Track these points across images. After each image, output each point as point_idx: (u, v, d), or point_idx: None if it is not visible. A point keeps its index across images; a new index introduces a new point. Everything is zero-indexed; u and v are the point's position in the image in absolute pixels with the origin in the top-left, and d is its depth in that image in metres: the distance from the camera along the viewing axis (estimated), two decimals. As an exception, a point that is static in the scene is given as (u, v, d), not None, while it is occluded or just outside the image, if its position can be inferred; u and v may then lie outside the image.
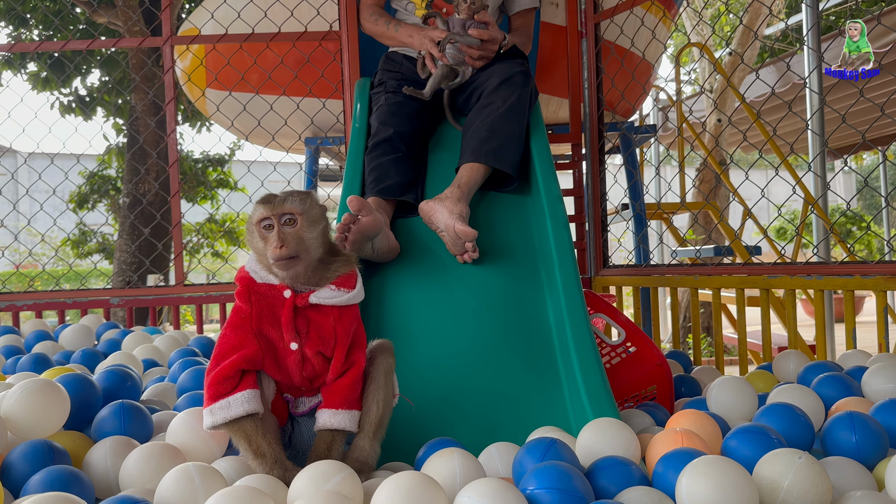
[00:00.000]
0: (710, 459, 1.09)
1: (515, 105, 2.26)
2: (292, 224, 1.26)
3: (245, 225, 1.33)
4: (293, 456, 1.34)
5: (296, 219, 1.27)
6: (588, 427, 1.35)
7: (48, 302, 3.19)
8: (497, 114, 2.23)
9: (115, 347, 2.44)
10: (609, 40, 3.27)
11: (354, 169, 2.31)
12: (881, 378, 1.68)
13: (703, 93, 6.94)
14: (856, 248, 12.68)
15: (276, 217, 1.26)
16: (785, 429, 1.38)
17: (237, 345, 1.25)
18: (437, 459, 1.22)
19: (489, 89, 2.31)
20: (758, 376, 2.06)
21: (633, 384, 2.00)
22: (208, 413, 1.23)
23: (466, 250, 2.01)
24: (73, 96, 7.18)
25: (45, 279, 6.56)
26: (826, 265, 2.33)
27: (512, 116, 2.24)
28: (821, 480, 1.11)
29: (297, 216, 1.27)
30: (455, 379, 1.77)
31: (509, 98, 2.25)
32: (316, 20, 3.21)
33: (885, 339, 2.19)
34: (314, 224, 1.29)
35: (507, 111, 2.24)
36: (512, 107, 2.25)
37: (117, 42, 3.39)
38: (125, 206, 6.35)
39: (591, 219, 3.14)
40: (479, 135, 2.21)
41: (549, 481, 1.07)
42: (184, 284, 3.21)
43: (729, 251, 3.90)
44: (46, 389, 1.40)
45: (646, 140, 3.83)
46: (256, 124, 3.44)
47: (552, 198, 2.15)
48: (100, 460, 1.32)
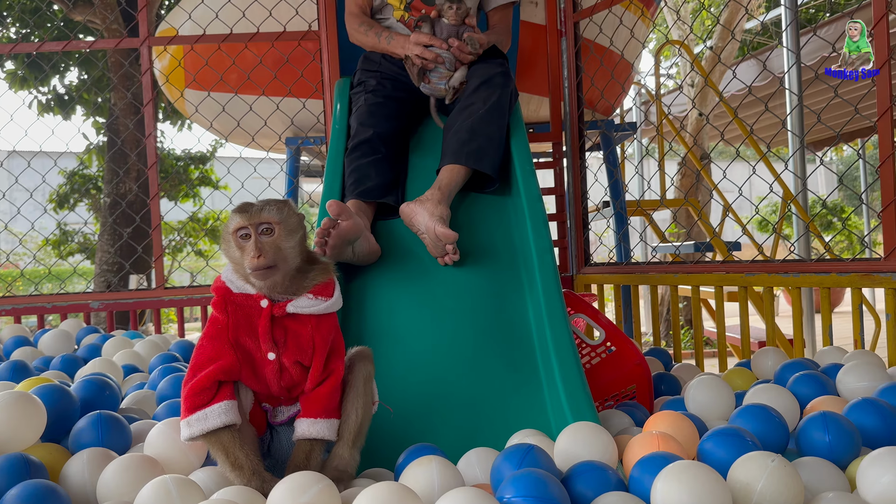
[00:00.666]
0: (684, 465, 1.10)
1: (496, 106, 2.26)
2: (269, 233, 1.26)
3: (221, 233, 1.32)
4: (272, 465, 1.34)
5: (273, 228, 1.26)
6: (566, 432, 1.36)
7: (27, 307, 3.16)
8: (477, 115, 2.23)
9: (96, 353, 2.42)
10: (588, 39, 3.28)
11: (335, 171, 2.31)
12: (855, 376, 1.70)
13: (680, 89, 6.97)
14: (836, 239, 12.83)
15: (253, 226, 1.25)
16: (760, 430, 1.39)
17: (214, 356, 1.25)
18: (415, 468, 1.23)
19: (469, 90, 2.31)
20: (736, 373, 2.08)
21: (613, 384, 2.01)
22: (185, 425, 1.22)
23: (447, 252, 2.02)
24: (52, 95, 7.11)
25: (25, 282, 6.50)
26: (803, 263, 2.35)
27: (492, 118, 2.24)
28: (793, 483, 1.13)
29: (275, 225, 1.26)
30: (436, 381, 1.78)
31: (489, 99, 2.26)
32: (295, 20, 3.20)
33: (860, 335, 2.21)
34: (292, 233, 1.28)
35: (488, 112, 2.24)
36: (492, 108, 2.25)
37: (94, 44, 3.35)
38: (106, 206, 6.29)
39: (572, 217, 3.16)
40: (459, 136, 2.21)
41: (525, 489, 1.08)
42: (164, 287, 3.19)
43: (709, 247, 3.93)
44: (22, 402, 1.38)
45: (626, 137, 3.85)
46: (236, 125, 3.42)
47: (532, 197, 2.15)
48: (77, 473, 1.31)
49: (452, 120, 2.29)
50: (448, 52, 2.31)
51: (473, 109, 2.25)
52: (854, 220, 13.16)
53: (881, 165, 2.14)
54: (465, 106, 2.28)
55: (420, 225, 2.04)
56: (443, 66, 2.32)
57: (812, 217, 4.02)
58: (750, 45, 8.92)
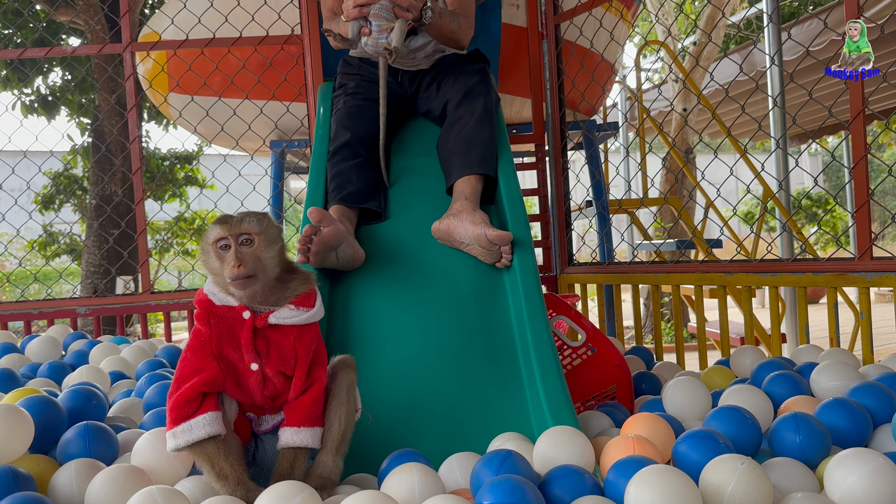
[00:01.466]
0: (656, 469, 1.14)
1: (483, 114, 2.29)
2: (249, 244, 1.28)
3: (200, 245, 1.35)
4: (258, 474, 1.36)
5: (253, 238, 1.29)
6: (544, 436, 1.40)
7: (14, 313, 3.17)
8: (468, 127, 2.26)
9: (83, 359, 2.44)
10: (570, 41, 3.31)
11: (318, 176, 2.32)
12: (828, 376, 1.75)
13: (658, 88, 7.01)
14: (822, 230, 12.93)
15: (233, 237, 1.28)
16: (733, 432, 1.43)
17: (197, 368, 1.27)
18: (396, 475, 1.26)
19: (453, 104, 2.32)
20: (715, 372, 2.13)
21: (594, 384, 2.06)
22: (171, 436, 1.25)
23: (503, 255, 1.99)
24: (36, 96, 7.07)
25: (11, 285, 6.48)
26: (780, 262, 2.40)
27: (482, 125, 2.26)
28: (762, 485, 1.17)
29: (255, 236, 1.29)
30: (420, 385, 1.80)
31: (475, 109, 2.28)
32: (278, 24, 3.21)
33: (835, 333, 2.26)
34: (271, 244, 1.31)
35: (477, 122, 2.26)
36: (480, 116, 2.28)
37: (76, 50, 3.35)
38: (91, 207, 6.28)
39: (555, 217, 3.19)
40: (459, 149, 2.23)
41: (502, 495, 1.12)
42: (151, 292, 3.20)
43: (690, 245, 3.98)
44: (9, 414, 1.40)
45: (608, 137, 3.88)
46: (220, 129, 3.44)
47: (513, 198, 2.18)
48: (65, 484, 1.33)
49: (445, 137, 2.31)
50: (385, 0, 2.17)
51: (463, 123, 2.27)
52: (839, 212, 13.28)
53: (854, 167, 2.19)
54: (454, 121, 2.30)
55: (464, 237, 2.02)
56: (381, 19, 2.18)
57: (792, 214, 4.08)
58: (734, 38, 8.98)
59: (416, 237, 2.19)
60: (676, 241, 3.76)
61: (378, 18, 2.18)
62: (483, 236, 1.94)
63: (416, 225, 2.23)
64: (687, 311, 7.00)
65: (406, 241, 2.20)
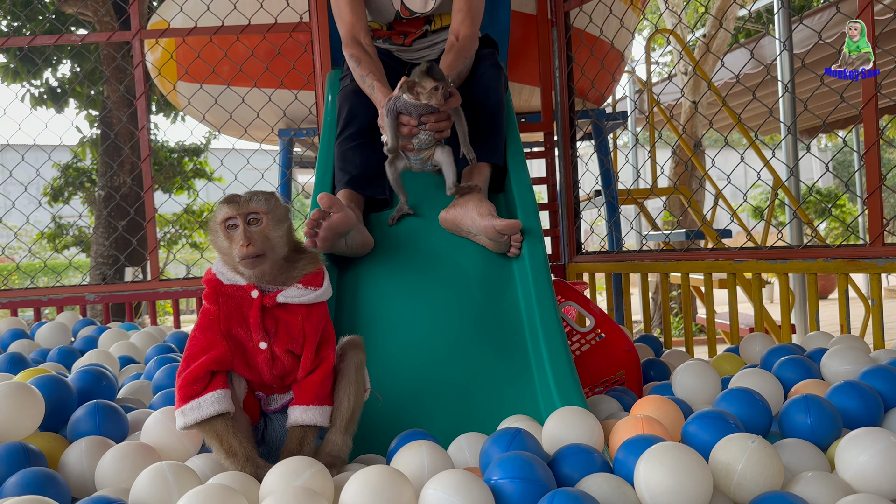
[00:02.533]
0: (666, 446, 1.13)
1: (491, 105, 2.27)
2: (257, 223, 1.28)
3: (209, 225, 1.35)
4: (267, 452, 1.37)
5: (261, 218, 1.29)
6: (553, 416, 1.39)
7: (24, 300, 3.18)
8: (475, 117, 2.24)
9: (92, 345, 2.45)
10: (579, 28, 3.30)
11: (326, 163, 2.32)
12: (838, 360, 1.73)
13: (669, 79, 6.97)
14: (831, 225, 12.87)
15: (241, 216, 1.27)
16: (743, 413, 1.42)
17: (206, 346, 1.27)
18: (405, 452, 1.26)
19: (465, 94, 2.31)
20: (725, 359, 2.11)
21: (603, 370, 2.05)
22: (180, 414, 1.25)
23: (513, 244, 1.96)
24: (45, 88, 7.09)
25: (21, 275, 6.52)
26: (790, 249, 2.38)
27: (489, 116, 2.24)
28: (772, 463, 1.16)
29: (262, 215, 1.29)
30: (429, 370, 1.81)
31: (483, 100, 2.26)
32: (286, 11, 3.20)
33: (846, 320, 2.25)
34: (279, 223, 1.31)
35: (485, 113, 2.25)
36: (489, 108, 2.26)
37: (85, 37, 3.36)
38: (100, 199, 6.30)
39: (563, 206, 3.18)
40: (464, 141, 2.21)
41: (511, 471, 1.11)
42: (160, 279, 3.21)
43: (699, 235, 3.96)
44: (20, 392, 1.41)
45: (618, 127, 3.87)
46: (229, 117, 3.44)
47: (522, 187, 2.18)
48: (76, 461, 1.34)
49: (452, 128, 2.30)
50: (425, 134, 2.00)
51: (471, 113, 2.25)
52: (849, 207, 13.20)
53: (866, 153, 2.17)
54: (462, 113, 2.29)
55: (471, 227, 2.00)
56: (424, 144, 2.03)
57: (801, 203, 4.05)
58: (743, 31, 8.92)
59: (425, 224, 2.19)
60: (686, 230, 3.75)
61: (421, 143, 2.03)
62: (491, 227, 1.92)
63: (424, 211, 2.23)
64: (696, 303, 6.97)
65: (415, 227, 2.20)
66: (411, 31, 2.46)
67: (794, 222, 4.58)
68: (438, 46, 2.50)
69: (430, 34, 2.49)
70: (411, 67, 2.50)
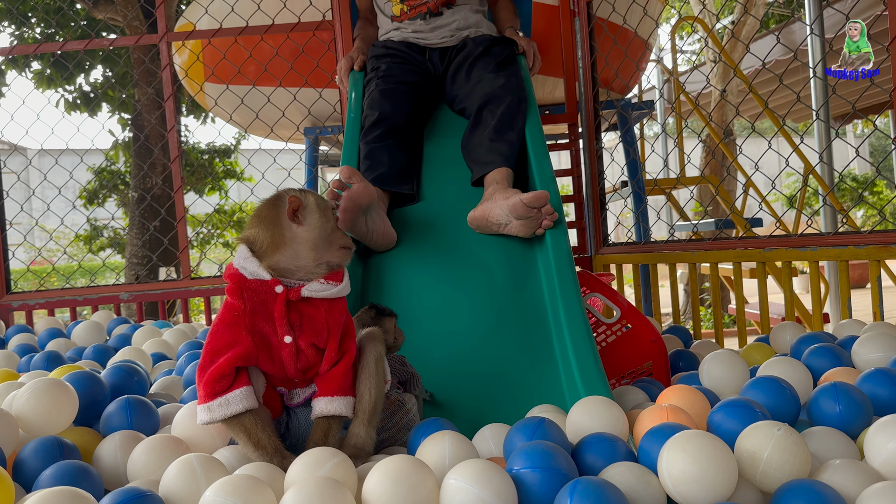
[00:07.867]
0: (690, 434, 1.13)
1: (511, 113, 2.28)
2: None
3: (316, 206, 1.37)
4: (291, 446, 1.38)
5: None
6: (577, 405, 1.39)
7: (60, 300, 3.26)
8: (490, 127, 2.26)
9: (126, 342, 2.50)
10: (602, 18, 3.27)
11: (350, 160, 2.34)
12: (870, 347, 1.70)
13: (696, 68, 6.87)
14: (868, 213, 12.59)
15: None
16: (770, 401, 1.41)
17: (231, 342, 1.29)
18: (428, 443, 1.27)
19: (479, 103, 2.33)
20: (755, 348, 2.09)
21: (629, 361, 2.04)
22: (205, 410, 1.27)
23: (545, 217, 1.94)
24: (77, 93, 7.24)
25: (59, 277, 6.67)
26: (820, 236, 2.34)
27: (507, 125, 2.25)
28: (799, 451, 1.14)
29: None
30: (453, 361, 1.81)
31: (501, 108, 2.27)
32: (309, 10, 3.23)
33: (879, 307, 2.20)
34: None
35: (503, 122, 2.26)
36: (508, 116, 2.26)
37: (115, 41, 3.42)
38: (133, 201, 6.42)
39: (589, 198, 3.16)
40: (483, 148, 2.23)
41: (533, 460, 1.11)
42: (191, 278, 3.27)
43: (729, 224, 3.90)
44: (55, 388, 1.45)
45: (644, 117, 3.83)
46: (255, 116, 3.48)
47: (545, 179, 2.17)
48: (109, 454, 1.37)
49: (468, 138, 2.33)
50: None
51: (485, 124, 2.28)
52: (887, 194, 12.88)
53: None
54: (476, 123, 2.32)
55: (500, 216, 2.00)
56: None
57: (832, 188, 3.97)
58: (773, 17, 8.76)
59: (449, 218, 2.20)
60: (715, 220, 3.70)
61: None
62: (518, 202, 1.91)
63: (448, 206, 2.24)
64: (727, 294, 6.88)
65: (439, 222, 2.21)
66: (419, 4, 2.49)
67: (827, 210, 4.49)
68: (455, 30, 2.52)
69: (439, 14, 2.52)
70: (431, 54, 2.53)
